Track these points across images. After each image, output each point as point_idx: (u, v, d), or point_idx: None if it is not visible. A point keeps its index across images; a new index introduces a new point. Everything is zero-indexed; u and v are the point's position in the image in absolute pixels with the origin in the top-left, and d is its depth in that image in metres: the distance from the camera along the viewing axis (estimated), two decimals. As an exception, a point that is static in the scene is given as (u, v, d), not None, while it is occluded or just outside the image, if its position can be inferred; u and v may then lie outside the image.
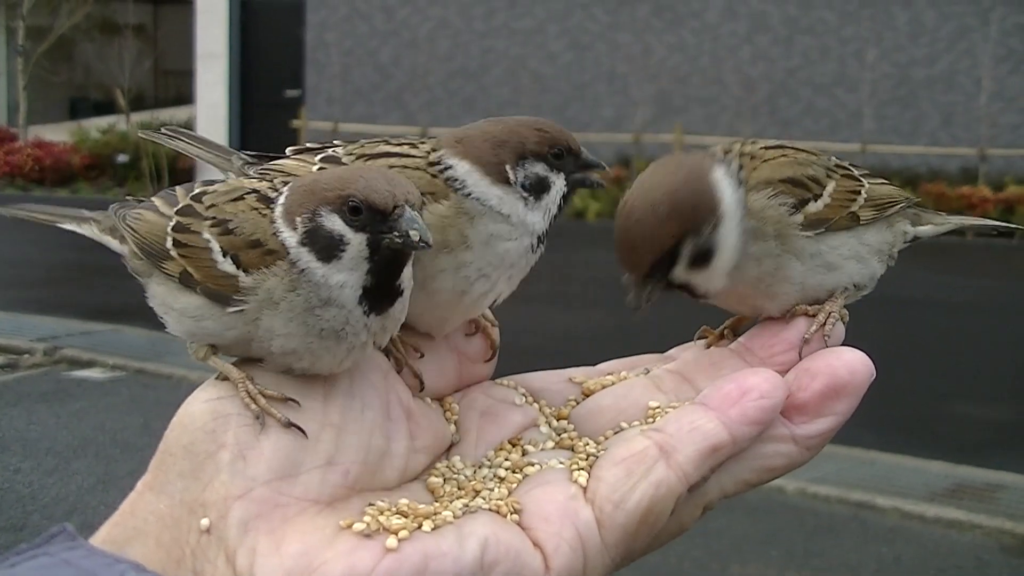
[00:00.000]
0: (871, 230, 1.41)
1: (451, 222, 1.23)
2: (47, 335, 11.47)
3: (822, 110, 22.98)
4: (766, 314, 1.35)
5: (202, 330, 1.18)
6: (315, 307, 1.12)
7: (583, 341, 8.72)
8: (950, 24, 22.49)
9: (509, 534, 1.03)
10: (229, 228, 1.16)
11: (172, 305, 1.21)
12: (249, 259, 1.14)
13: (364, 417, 1.13)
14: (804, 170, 1.36)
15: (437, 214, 1.22)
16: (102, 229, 1.35)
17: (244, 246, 1.14)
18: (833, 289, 1.35)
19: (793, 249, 1.32)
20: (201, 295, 1.17)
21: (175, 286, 1.20)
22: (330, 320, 1.12)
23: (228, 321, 1.15)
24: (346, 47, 25.25)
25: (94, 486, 7.45)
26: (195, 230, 1.18)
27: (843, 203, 1.37)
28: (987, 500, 7.51)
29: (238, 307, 1.14)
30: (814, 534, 7.09)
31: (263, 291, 1.13)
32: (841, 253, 1.36)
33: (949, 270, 16.19)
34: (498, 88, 24.52)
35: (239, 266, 1.14)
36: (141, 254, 1.24)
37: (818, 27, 23.17)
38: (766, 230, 1.31)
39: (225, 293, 1.15)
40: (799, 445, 1.17)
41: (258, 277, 1.13)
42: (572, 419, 1.25)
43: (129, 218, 1.28)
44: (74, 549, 1.01)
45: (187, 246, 1.18)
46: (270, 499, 1.03)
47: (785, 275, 1.32)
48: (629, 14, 23.87)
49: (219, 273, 1.15)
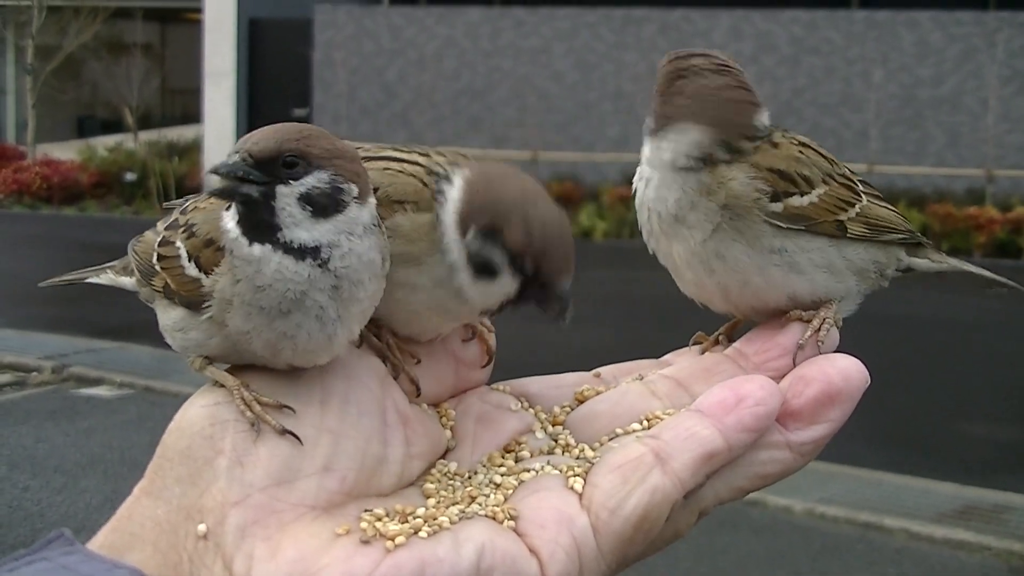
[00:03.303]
0: (857, 246, 1.40)
1: (422, 235, 1.20)
2: (55, 353, 11.51)
3: (828, 130, 22.99)
4: (718, 301, 1.37)
5: (191, 342, 1.18)
6: (257, 286, 1.11)
7: (592, 359, 8.77)
8: (956, 45, 22.53)
9: (505, 540, 1.03)
10: (193, 231, 1.16)
11: (165, 323, 1.21)
12: (206, 259, 1.14)
13: (361, 423, 1.13)
14: (799, 167, 1.36)
15: (412, 224, 1.21)
16: (116, 272, 1.37)
17: (201, 246, 1.15)
18: (791, 293, 1.34)
19: (743, 230, 1.32)
20: (179, 306, 1.17)
21: (165, 303, 1.20)
22: (274, 285, 1.10)
23: (206, 328, 1.15)
24: (353, 66, 25.33)
25: (102, 504, 7.45)
26: (171, 240, 1.19)
27: (830, 208, 1.37)
28: (995, 521, 7.49)
29: (207, 313, 1.14)
30: (821, 554, 7.07)
31: (218, 292, 1.13)
32: (812, 258, 1.35)
33: (956, 289, 16.15)
34: (504, 107, 24.59)
35: (200, 269, 1.14)
36: (141, 277, 1.25)
37: (824, 47, 23.22)
38: (718, 194, 1.32)
39: (195, 299, 1.15)
40: (793, 451, 1.16)
41: (213, 278, 1.13)
42: (568, 425, 1.25)
43: (133, 243, 1.29)
44: (72, 554, 1.01)
45: (166, 258, 1.19)
46: (267, 505, 1.03)
47: (728, 256, 1.33)
48: (635, 34, 23.94)
49: (187, 279, 1.16)
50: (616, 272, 15.97)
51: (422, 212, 1.21)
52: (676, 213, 1.35)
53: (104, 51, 30.12)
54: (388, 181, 1.23)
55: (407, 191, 1.22)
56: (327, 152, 1.12)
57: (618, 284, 14.83)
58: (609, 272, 15.94)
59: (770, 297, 1.34)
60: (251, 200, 1.09)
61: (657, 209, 1.37)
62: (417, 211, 1.21)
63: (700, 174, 1.34)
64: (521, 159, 22.99)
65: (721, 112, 1.36)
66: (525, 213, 1.16)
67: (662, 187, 1.36)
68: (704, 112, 1.35)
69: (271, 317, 1.11)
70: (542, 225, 1.16)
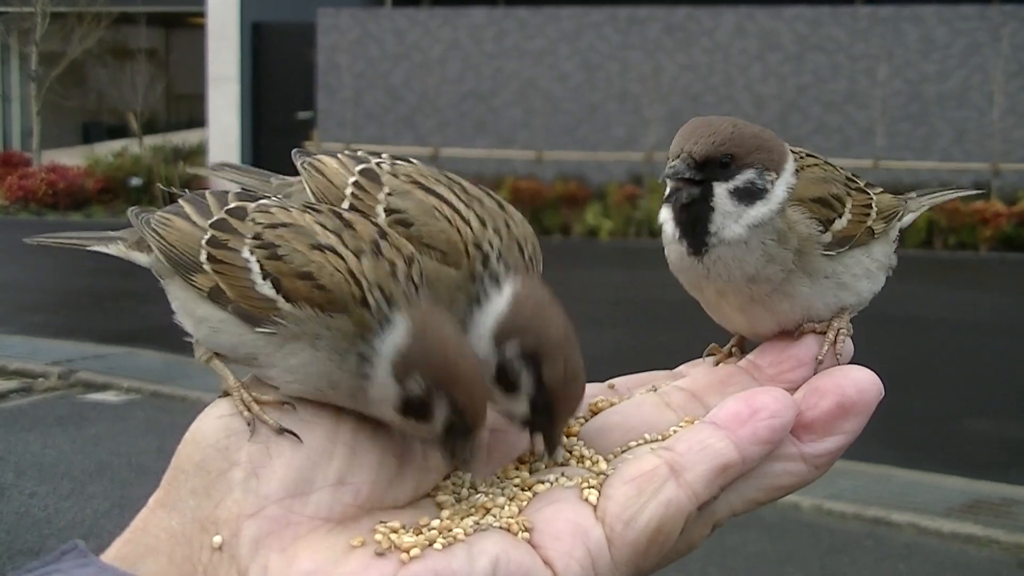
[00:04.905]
0: (878, 244, 1.40)
1: (445, 286, 1.20)
2: (62, 359, 11.50)
3: (834, 127, 22.98)
4: (761, 330, 1.34)
5: (215, 340, 1.18)
6: (340, 370, 1.12)
7: (599, 361, 8.80)
8: (961, 40, 22.50)
9: (520, 552, 1.03)
10: (279, 254, 1.14)
11: (194, 311, 1.20)
12: (296, 290, 1.12)
13: (376, 436, 1.13)
14: (831, 188, 1.34)
15: (436, 274, 1.20)
16: (128, 246, 1.34)
17: (293, 276, 1.13)
18: (841, 308, 1.34)
19: (807, 267, 1.31)
20: (231, 312, 1.15)
21: (198, 295, 1.18)
22: (343, 391, 1.13)
23: (249, 340, 1.15)
24: (357, 69, 25.33)
25: (110, 510, 7.46)
26: (233, 247, 1.17)
27: (860, 218, 1.36)
28: (1004, 515, 7.48)
29: (269, 330, 1.13)
30: (830, 551, 7.06)
31: (300, 326, 1.12)
32: (855, 272, 1.35)
33: (963, 287, 16.17)
34: (509, 109, 24.58)
35: (280, 293, 1.13)
36: (167, 263, 1.22)
37: (828, 45, 23.20)
38: (790, 239, 1.29)
39: (255, 315, 1.14)
40: (808, 464, 1.16)
41: (299, 310, 1.12)
42: (582, 436, 1.25)
43: (154, 223, 1.26)
44: (86, 566, 1.01)
45: (223, 263, 1.17)
46: (282, 517, 1.03)
47: (788, 290, 1.31)
48: (640, 33, 23.93)
49: (256, 296, 1.14)
50: (622, 272, 15.97)
51: (448, 267, 1.20)
52: (754, 273, 1.31)
53: (108, 57, 30.11)
54: (424, 220, 1.22)
55: (440, 240, 1.21)
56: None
57: (625, 284, 14.82)
58: (615, 272, 15.94)
59: (817, 319, 1.33)
60: None
61: (724, 276, 1.32)
62: (443, 263, 1.20)
63: (775, 221, 1.31)
64: (527, 159, 23.00)
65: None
66: (567, 356, 1.19)
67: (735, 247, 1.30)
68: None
69: (326, 379, 1.12)
70: (575, 375, 1.20)
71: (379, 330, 1.11)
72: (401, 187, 1.26)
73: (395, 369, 1.11)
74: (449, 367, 1.12)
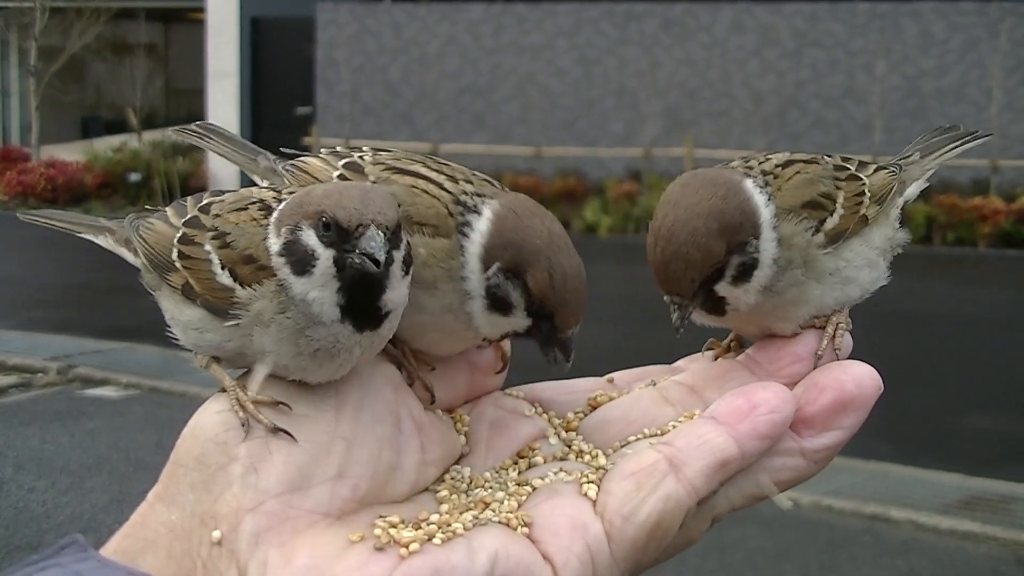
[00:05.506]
0: (875, 230, 1.40)
1: (437, 261, 1.20)
2: (61, 354, 11.50)
3: (832, 123, 22.96)
4: (776, 333, 1.34)
5: (205, 342, 1.19)
6: (305, 328, 1.12)
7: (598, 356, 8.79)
8: (959, 35, 22.48)
9: (519, 547, 1.03)
10: (227, 241, 1.16)
11: (178, 318, 1.21)
12: (244, 274, 1.14)
13: (375, 431, 1.13)
14: (818, 188, 1.34)
15: (429, 249, 1.20)
16: (117, 240, 1.35)
17: (239, 260, 1.15)
18: (846, 302, 1.34)
19: (815, 272, 1.31)
20: (200, 307, 1.17)
21: (180, 299, 1.20)
22: (321, 340, 1.12)
23: (226, 333, 1.16)
24: (356, 65, 25.32)
25: (108, 504, 7.46)
26: (198, 242, 1.18)
27: (853, 209, 1.36)
28: (1001, 512, 7.48)
29: (234, 320, 1.14)
30: (828, 547, 7.06)
31: (254, 309, 1.13)
32: (856, 264, 1.35)
33: (962, 284, 16.16)
34: (507, 104, 24.57)
35: (236, 279, 1.14)
36: (150, 266, 1.25)
37: (826, 40, 23.17)
38: (794, 257, 1.30)
39: (222, 306, 1.15)
40: (807, 459, 1.17)
41: (251, 293, 1.13)
42: (581, 431, 1.25)
43: (141, 228, 1.28)
44: (85, 560, 1.01)
45: (190, 258, 1.19)
46: (281, 512, 1.03)
47: (804, 299, 1.31)
48: (637, 29, 23.90)
49: (218, 286, 1.15)
50: (621, 268, 15.95)
51: (440, 238, 1.21)
52: (771, 310, 1.32)
53: (107, 52, 30.08)
54: (411, 201, 1.23)
55: (428, 215, 1.22)
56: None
57: (624, 280, 14.79)
58: (614, 268, 15.93)
59: (820, 315, 1.33)
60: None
61: (747, 319, 1.33)
62: (435, 236, 1.21)
63: (777, 260, 1.31)
64: (525, 155, 22.99)
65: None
66: (550, 260, 1.18)
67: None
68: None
69: (298, 352, 1.13)
70: (563, 276, 1.18)
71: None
72: (383, 175, 1.27)
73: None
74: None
